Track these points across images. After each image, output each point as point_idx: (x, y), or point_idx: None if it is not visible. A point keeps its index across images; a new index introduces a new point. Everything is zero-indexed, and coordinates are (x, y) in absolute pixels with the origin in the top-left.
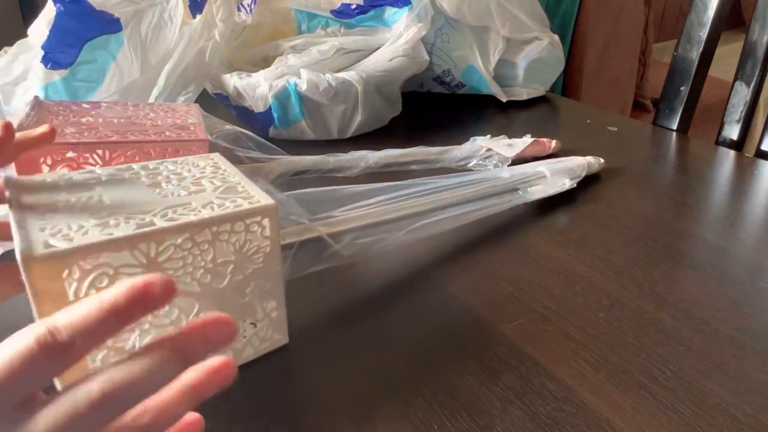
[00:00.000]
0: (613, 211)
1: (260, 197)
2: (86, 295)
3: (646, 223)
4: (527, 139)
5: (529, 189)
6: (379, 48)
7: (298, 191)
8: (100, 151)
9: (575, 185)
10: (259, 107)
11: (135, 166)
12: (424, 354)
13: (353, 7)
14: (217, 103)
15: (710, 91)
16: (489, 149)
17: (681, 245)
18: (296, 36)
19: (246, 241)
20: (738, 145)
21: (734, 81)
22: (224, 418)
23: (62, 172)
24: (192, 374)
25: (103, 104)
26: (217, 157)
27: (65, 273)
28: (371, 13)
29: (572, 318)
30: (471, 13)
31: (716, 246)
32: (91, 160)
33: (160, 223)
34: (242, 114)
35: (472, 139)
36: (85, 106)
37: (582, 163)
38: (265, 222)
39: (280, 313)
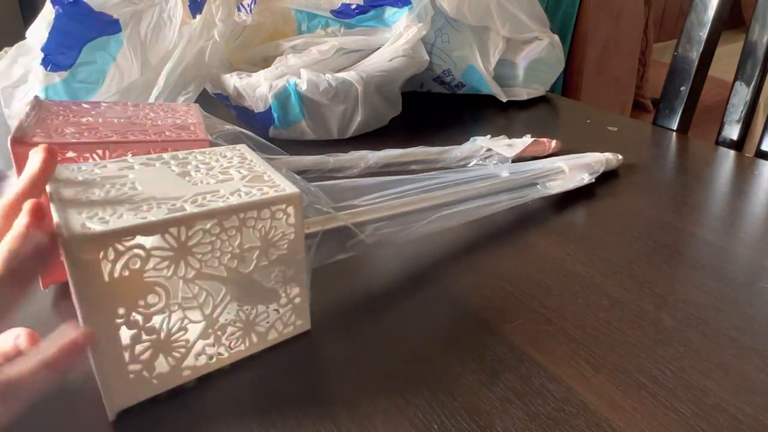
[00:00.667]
0: (613, 211)
1: (285, 186)
2: (120, 276)
3: (646, 223)
4: (527, 139)
5: (547, 184)
6: (379, 48)
7: (321, 182)
8: (100, 151)
9: (594, 180)
10: (259, 107)
11: (165, 155)
12: (425, 353)
13: (353, 7)
14: (217, 103)
15: (710, 91)
16: (489, 149)
17: (681, 245)
18: (296, 36)
19: (271, 227)
20: (738, 145)
21: (734, 81)
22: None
23: (97, 161)
24: (48, 349)
25: (103, 104)
26: (243, 148)
27: (101, 254)
28: (371, 13)
29: (572, 318)
30: (471, 13)
31: (716, 246)
32: (91, 161)
33: (191, 209)
34: (242, 114)
35: (472, 139)
36: (85, 106)
37: (600, 159)
38: (290, 210)
39: (303, 299)
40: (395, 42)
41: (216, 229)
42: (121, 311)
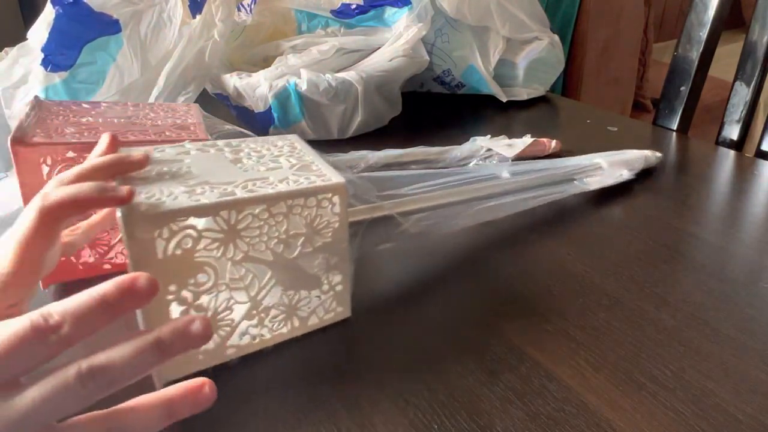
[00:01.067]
0: (613, 210)
1: (332, 175)
2: (173, 254)
3: (646, 223)
4: (527, 139)
5: (585, 179)
6: (379, 48)
7: (366, 173)
8: None
9: (633, 177)
10: (259, 107)
11: (219, 142)
12: (425, 353)
13: (353, 7)
14: (217, 103)
15: (710, 91)
16: (489, 149)
17: (681, 245)
18: (296, 36)
19: (317, 215)
20: (738, 145)
21: (734, 81)
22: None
23: (156, 146)
24: (172, 390)
25: (103, 104)
26: (294, 138)
27: (156, 233)
28: (371, 13)
29: (572, 318)
30: (471, 13)
31: (716, 246)
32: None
33: (241, 194)
34: (242, 114)
35: (472, 139)
36: (85, 106)
37: (639, 156)
38: (335, 199)
39: (345, 287)
40: (395, 42)
41: (264, 214)
42: (173, 288)
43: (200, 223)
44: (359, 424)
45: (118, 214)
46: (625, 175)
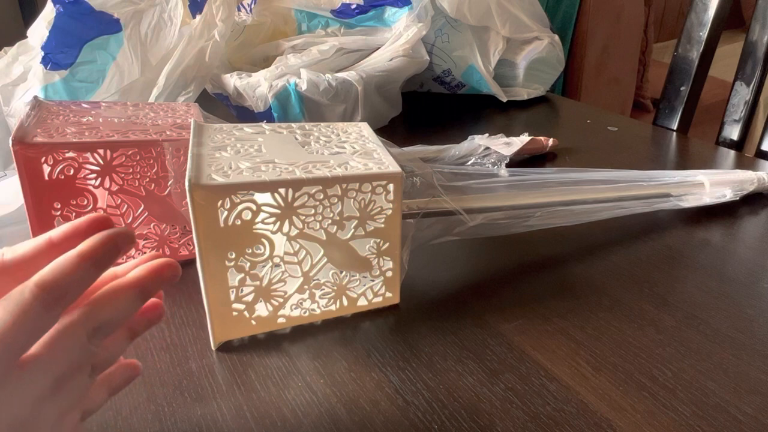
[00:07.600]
0: None
1: (390, 164)
2: (233, 224)
3: (646, 223)
4: (524, 137)
5: (682, 196)
6: (379, 48)
7: (442, 165)
8: (101, 151)
9: (737, 198)
10: (259, 107)
11: (294, 125)
12: (425, 353)
13: (353, 7)
14: (217, 103)
15: (710, 91)
16: (487, 147)
17: (681, 245)
18: (296, 36)
19: (371, 201)
20: (738, 145)
21: (734, 81)
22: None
23: (236, 125)
24: (140, 272)
25: (103, 104)
26: (363, 126)
27: (218, 203)
28: (371, 13)
29: (572, 318)
30: (471, 13)
31: (716, 246)
32: (92, 160)
33: (299, 174)
34: (242, 114)
35: (470, 137)
36: (85, 106)
37: (751, 178)
38: (390, 187)
39: (395, 274)
40: (395, 42)
41: (320, 195)
42: (232, 255)
43: (261, 198)
44: (359, 423)
45: (186, 180)
46: (729, 195)
